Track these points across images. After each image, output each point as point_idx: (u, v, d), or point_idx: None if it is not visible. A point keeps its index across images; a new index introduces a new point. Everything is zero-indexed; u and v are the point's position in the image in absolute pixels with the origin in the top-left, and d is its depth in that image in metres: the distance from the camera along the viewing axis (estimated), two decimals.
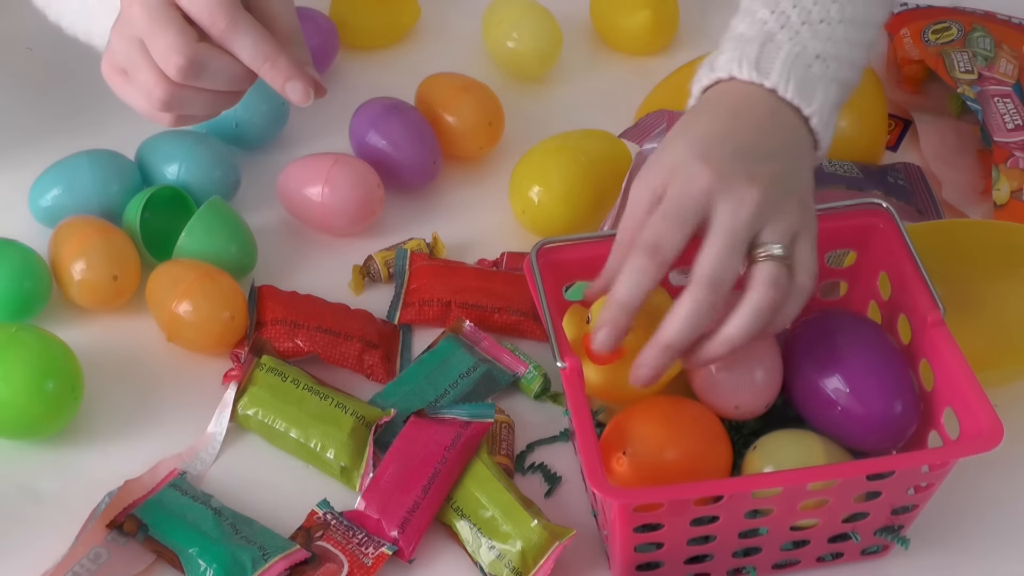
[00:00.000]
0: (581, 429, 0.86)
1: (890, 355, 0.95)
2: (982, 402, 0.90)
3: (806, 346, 0.96)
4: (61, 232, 1.07)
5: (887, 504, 0.91)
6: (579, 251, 0.96)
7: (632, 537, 0.88)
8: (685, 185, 0.87)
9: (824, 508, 0.89)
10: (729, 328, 0.87)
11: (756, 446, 0.94)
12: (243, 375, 1.02)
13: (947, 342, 0.93)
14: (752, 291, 0.87)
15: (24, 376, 0.97)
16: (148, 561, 0.93)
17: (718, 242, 0.86)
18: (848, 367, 0.94)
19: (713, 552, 0.91)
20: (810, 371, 0.95)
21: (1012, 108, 1.19)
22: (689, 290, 0.86)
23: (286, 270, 1.12)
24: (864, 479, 0.88)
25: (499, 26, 1.27)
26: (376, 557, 0.93)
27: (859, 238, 0.99)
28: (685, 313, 0.86)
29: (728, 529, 0.89)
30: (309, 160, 1.15)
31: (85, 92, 1.25)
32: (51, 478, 0.98)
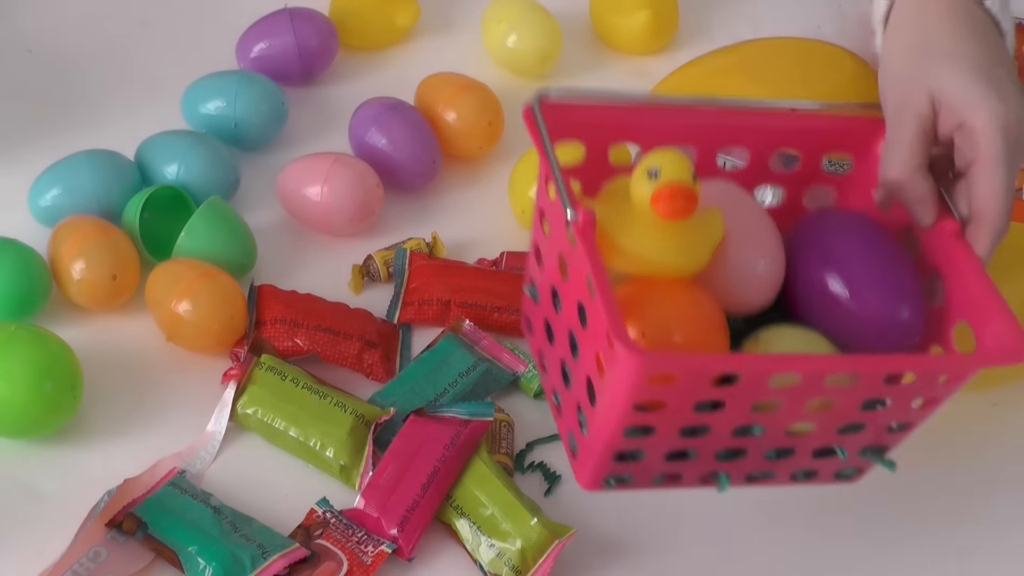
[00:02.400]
0: (601, 282, 0.80)
1: (897, 257, 0.91)
2: (1007, 315, 0.86)
3: (809, 243, 0.93)
4: (60, 232, 1.07)
5: (887, 417, 0.87)
6: (579, 111, 0.92)
7: (629, 416, 0.82)
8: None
9: (826, 413, 0.85)
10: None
11: (758, 337, 0.90)
12: (242, 374, 1.02)
13: (965, 253, 0.89)
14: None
15: (23, 375, 0.97)
16: (147, 560, 0.93)
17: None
18: (852, 266, 0.91)
19: (699, 449, 0.87)
20: (813, 268, 0.91)
21: None
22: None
23: (285, 269, 1.12)
24: (882, 381, 0.84)
25: (498, 26, 1.27)
26: (375, 555, 0.93)
27: (859, 143, 0.96)
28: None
29: (727, 421, 0.84)
30: (308, 160, 1.15)
31: (85, 92, 1.26)
32: (50, 477, 0.98)
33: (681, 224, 0.86)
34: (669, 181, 0.85)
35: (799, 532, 0.98)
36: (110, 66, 1.28)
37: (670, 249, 0.86)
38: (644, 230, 0.86)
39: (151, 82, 1.27)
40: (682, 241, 0.86)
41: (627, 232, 0.86)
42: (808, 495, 0.98)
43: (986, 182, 0.89)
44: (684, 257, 0.87)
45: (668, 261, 0.86)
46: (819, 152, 0.97)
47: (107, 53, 1.30)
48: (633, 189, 0.86)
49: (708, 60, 1.24)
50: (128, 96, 1.25)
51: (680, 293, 0.88)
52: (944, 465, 1.02)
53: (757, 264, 0.91)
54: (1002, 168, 0.88)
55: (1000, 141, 0.88)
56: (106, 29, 1.32)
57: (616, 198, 0.88)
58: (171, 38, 1.32)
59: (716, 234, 0.88)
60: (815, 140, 0.96)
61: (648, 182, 0.85)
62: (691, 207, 0.85)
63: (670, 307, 0.87)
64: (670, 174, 0.85)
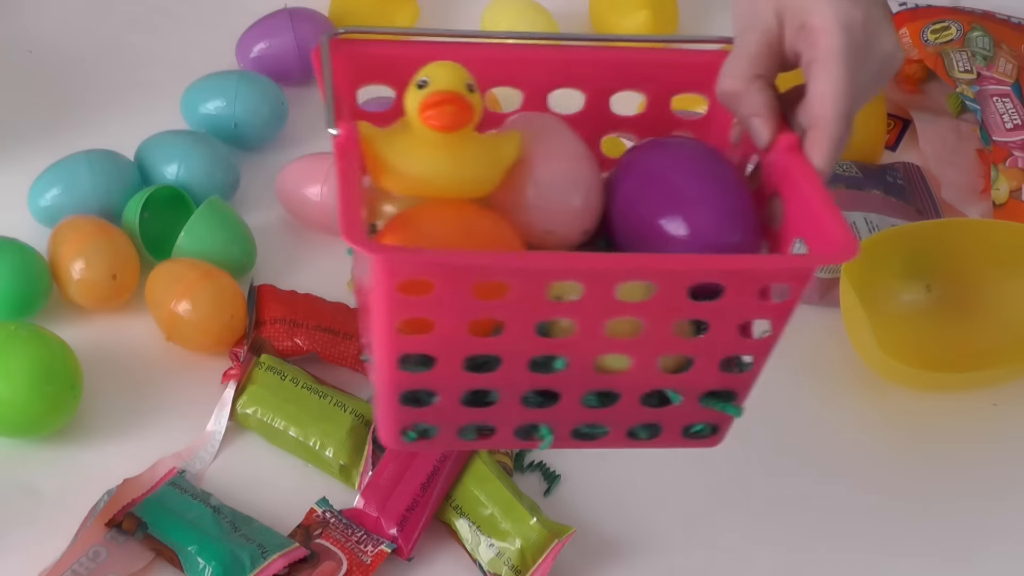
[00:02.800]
0: (343, 183, 0.73)
1: (727, 179, 0.82)
2: (835, 220, 0.76)
3: (629, 169, 0.84)
4: (60, 231, 1.07)
5: (715, 348, 0.77)
6: (383, 48, 0.84)
7: (397, 340, 0.74)
8: None
9: (637, 341, 0.76)
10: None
11: None
12: (242, 374, 1.02)
13: (802, 167, 0.79)
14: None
15: (23, 375, 0.97)
16: (147, 559, 0.93)
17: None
18: (677, 193, 0.81)
19: (499, 388, 0.78)
20: (634, 197, 0.82)
21: (1011, 107, 1.20)
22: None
23: (285, 269, 1.12)
24: (686, 293, 0.74)
25: (498, 26, 1.27)
26: (375, 555, 0.93)
27: (710, 79, 0.84)
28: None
29: (515, 349, 0.75)
30: (308, 160, 1.15)
31: (85, 92, 1.26)
32: (50, 476, 0.98)
33: (460, 140, 0.78)
34: (437, 89, 0.77)
35: (799, 532, 0.98)
36: (110, 66, 1.28)
37: (441, 162, 0.78)
38: (417, 146, 0.78)
39: (151, 82, 1.27)
40: (458, 155, 0.78)
41: (400, 150, 0.78)
42: (808, 495, 0.98)
43: (822, 82, 0.79)
44: (460, 171, 0.78)
45: (442, 175, 0.78)
46: (668, 93, 0.87)
47: (107, 53, 1.30)
48: (406, 105, 0.79)
49: None
50: (128, 96, 1.26)
51: (465, 216, 0.79)
52: (944, 465, 1.02)
53: (568, 194, 0.81)
54: (840, 67, 0.79)
55: (840, 37, 0.79)
56: (106, 29, 1.32)
57: (403, 124, 0.80)
58: (171, 38, 1.32)
59: (507, 154, 0.80)
60: (663, 79, 0.86)
61: (417, 93, 0.78)
62: (463, 116, 0.77)
63: (448, 227, 0.78)
64: (439, 83, 0.77)
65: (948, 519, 0.99)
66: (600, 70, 0.87)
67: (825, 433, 1.03)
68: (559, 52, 0.87)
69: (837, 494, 0.99)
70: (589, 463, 1.00)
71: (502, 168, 0.81)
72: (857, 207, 1.13)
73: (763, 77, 0.82)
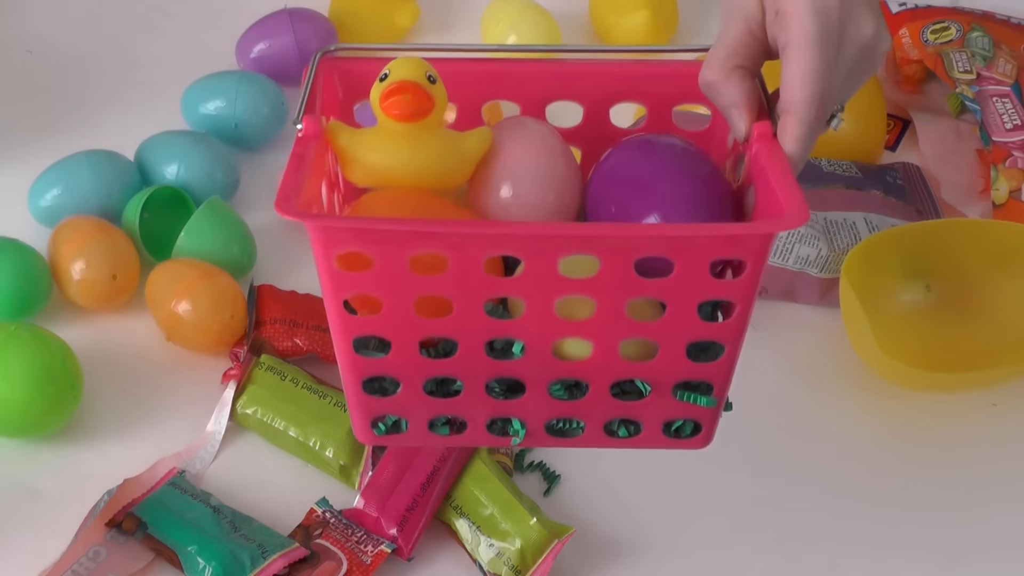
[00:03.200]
0: (292, 162, 0.74)
1: (701, 176, 0.81)
2: (791, 191, 0.74)
3: (604, 168, 0.83)
4: (60, 232, 1.07)
5: (677, 333, 0.75)
6: (377, 64, 0.83)
7: (347, 321, 0.74)
8: None
9: (591, 323, 0.74)
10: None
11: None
12: (242, 374, 1.02)
13: (774, 154, 0.77)
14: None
15: (23, 375, 0.97)
16: (147, 559, 0.93)
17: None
18: (647, 187, 0.80)
19: (459, 375, 0.77)
20: (605, 193, 0.81)
21: (1011, 108, 1.20)
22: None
23: (285, 270, 1.12)
24: (632, 268, 0.72)
25: (498, 26, 1.27)
26: (375, 555, 0.93)
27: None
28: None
29: (467, 331, 0.74)
30: None
31: (85, 92, 1.26)
32: (50, 476, 0.98)
33: (423, 131, 0.78)
34: (396, 79, 0.78)
35: (799, 531, 0.98)
36: (110, 66, 1.29)
37: (401, 151, 0.78)
38: (381, 138, 0.79)
39: (151, 82, 1.27)
40: (419, 145, 0.78)
41: (364, 142, 0.79)
42: (808, 495, 0.98)
43: (792, 66, 0.78)
44: (421, 161, 0.78)
45: (402, 163, 0.78)
46: (668, 103, 0.87)
47: (107, 53, 1.30)
48: (371, 99, 0.80)
49: None
50: (128, 96, 1.26)
51: (421, 201, 0.79)
52: (943, 465, 1.02)
53: (543, 193, 0.81)
54: (810, 50, 0.77)
55: (811, 22, 0.77)
56: (106, 29, 1.32)
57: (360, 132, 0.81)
58: (171, 38, 1.32)
59: (473, 147, 0.80)
60: (662, 90, 0.86)
61: (379, 86, 0.79)
62: (422, 104, 0.77)
63: (401, 210, 0.78)
64: (398, 74, 0.78)
65: (947, 519, 0.99)
66: (598, 82, 0.86)
67: (825, 434, 1.03)
68: (555, 65, 0.87)
69: (836, 494, 0.99)
70: (589, 463, 1.00)
71: (468, 161, 0.80)
72: (857, 207, 1.13)
73: (743, 68, 0.81)
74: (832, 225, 1.11)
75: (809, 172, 1.14)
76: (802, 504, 0.99)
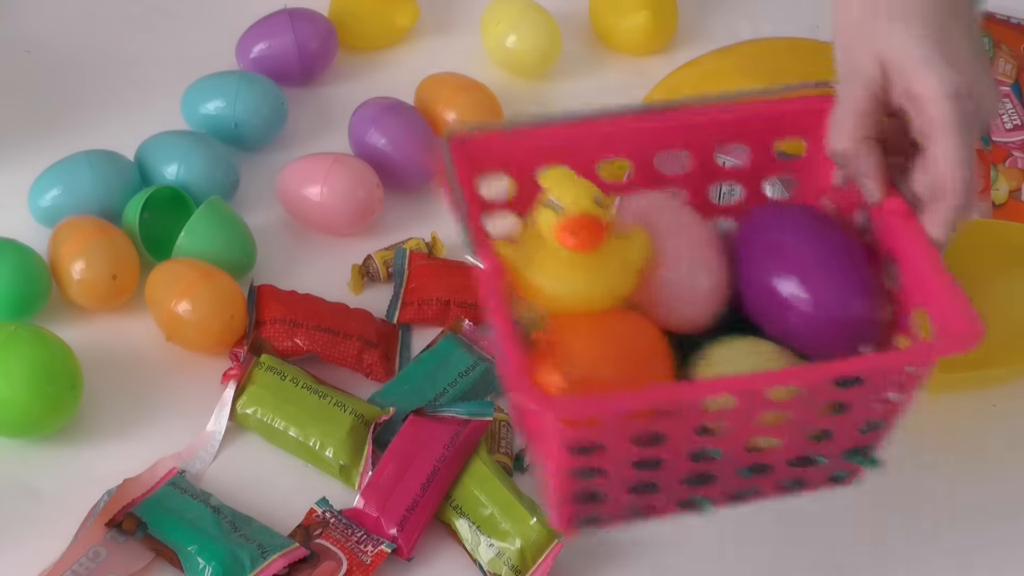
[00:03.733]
0: (503, 331, 0.76)
1: (847, 248, 0.85)
2: (957, 298, 0.79)
3: (752, 244, 0.87)
4: (60, 232, 1.07)
5: (855, 420, 0.81)
6: (500, 141, 0.86)
7: (570, 460, 0.78)
8: None
9: (785, 425, 0.80)
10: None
11: (705, 356, 0.83)
12: (242, 374, 1.02)
13: (918, 235, 0.82)
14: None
15: (24, 375, 0.97)
16: (147, 559, 0.93)
17: None
18: (800, 264, 0.84)
19: (659, 480, 0.82)
20: (758, 271, 0.85)
21: (1011, 108, 1.20)
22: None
23: (285, 270, 1.12)
24: (831, 386, 0.78)
25: (498, 26, 1.27)
26: (375, 555, 0.93)
27: (808, 124, 0.88)
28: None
29: (676, 451, 0.79)
30: (308, 160, 1.15)
31: (85, 92, 1.26)
32: (50, 477, 0.98)
33: (596, 253, 0.81)
34: (572, 213, 0.80)
35: (799, 531, 0.98)
36: (110, 66, 1.29)
37: (580, 282, 0.81)
38: (555, 265, 0.81)
39: (151, 82, 1.27)
40: (594, 271, 0.81)
41: (540, 268, 0.81)
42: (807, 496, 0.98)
43: (938, 155, 0.80)
44: (599, 288, 0.82)
45: (581, 294, 0.81)
46: (769, 140, 0.90)
47: (107, 53, 1.30)
48: (540, 223, 0.82)
49: (707, 60, 1.24)
50: (128, 96, 1.26)
51: (606, 325, 0.82)
52: (944, 465, 1.02)
53: (697, 280, 0.85)
54: (955, 138, 0.79)
55: (949, 108, 0.79)
56: (106, 29, 1.32)
57: (534, 232, 0.83)
58: (171, 38, 1.32)
59: (638, 257, 0.83)
60: (764, 129, 0.89)
61: (552, 215, 0.81)
62: (599, 236, 0.81)
63: (594, 341, 0.81)
64: (572, 206, 0.80)
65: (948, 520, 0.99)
66: (704, 130, 0.89)
67: None
68: (664, 118, 0.89)
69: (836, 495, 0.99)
70: None
71: (634, 273, 0.83)
72: None
73: (871, 137, 0.83)
74: None
75: None
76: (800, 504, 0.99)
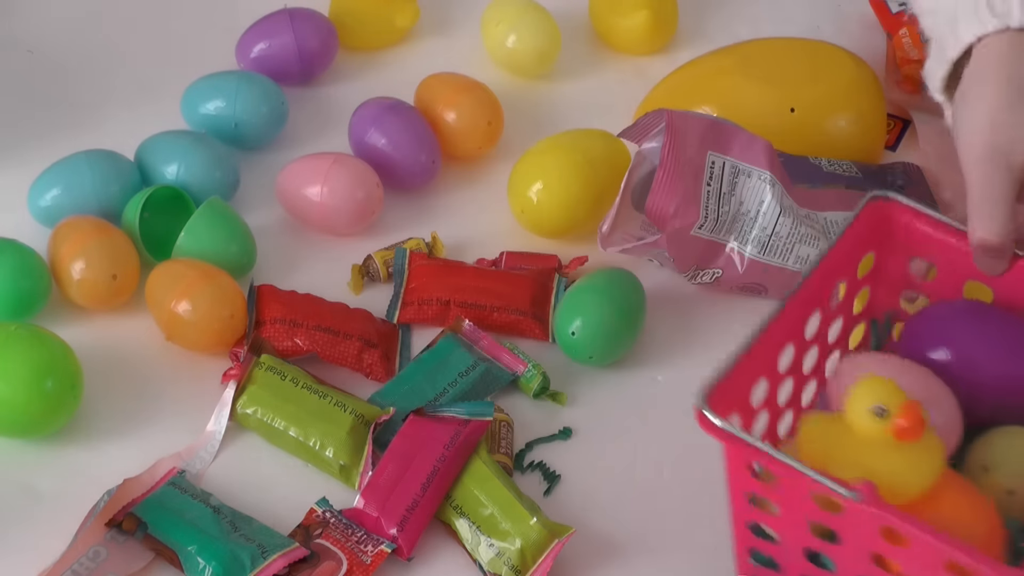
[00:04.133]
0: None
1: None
2: None
3: (959, 348, 0.93)
4: (60, 232, 1.07)
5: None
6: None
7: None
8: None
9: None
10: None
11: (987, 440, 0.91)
12: (242, 374, 1.02)
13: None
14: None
15: (23, 375, 0.97)
16: (147, 559, 0.93)
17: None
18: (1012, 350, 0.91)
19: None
20: (983, 371, 0.92)
21: None
22: None
23: (285, 269, 1.12)
24: None
25: (498, 26, 1.27)
26: (375, 555, 0.93)
27: (878, 237, 0.95)
28: None
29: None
30: (308, 160, 1.15)
31: (85, 92, 1.26)
32: (50, 476, 0.98)
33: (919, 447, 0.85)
34: (904, 416, 0.83)
35: None
36: (110, 66, 1.29)
37: (904, 473, 0.84)
38: (873, 458, 0.84)
39: (151, 82, 1.27)
40: (917, 465, 0.84)
41: (856, 465, 0.84)
42: None
43: None
44: (915, 486, 0.84)
45: (900, 486, 0.84)
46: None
47: (107, 53, 1.30)
48: (857, 427, 0.84)
49: (707, 60, 1.24)
50: (128, 96, 1.26)
51: (946, 507, 0.85)
52: None
53: (950, 444, 0.90)
54: None
55: None
56: (106, 29, 1.32)
57: (826, 431, 0.87)
58: (171, 38, 1.32)
59: (940, 455, 0.86)
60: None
61: (880, 422, 0.84)
62: (921, 431, 0.84)
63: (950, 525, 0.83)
64: (899, 407, 0.83)
65: None
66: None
67: None
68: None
69: None
70: (589, 463, 1.01)
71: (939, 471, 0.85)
72: None
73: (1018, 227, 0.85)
74: (832, 225, 1.11)
75: (809, 172, 1.14)
76: None
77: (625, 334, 1.06)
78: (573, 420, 1.03)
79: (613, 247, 1.09)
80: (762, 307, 1.11)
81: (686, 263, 1.08)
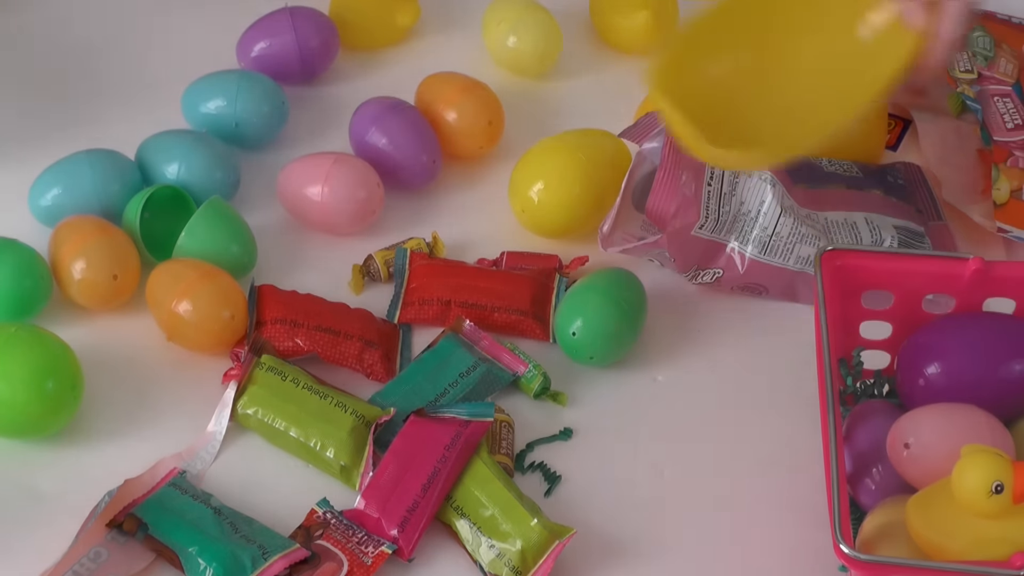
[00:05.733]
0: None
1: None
2: None
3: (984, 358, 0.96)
4: (61, 231, 1.07)
5: None
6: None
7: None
8: None
9: None
10: None
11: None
12: (243, 374, 1.02)
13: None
14: None
15: (24, 375, 0.97)
16: (148, 560, 0.93)
17: None
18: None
19: None
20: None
21: (1012, 107, 1.19)
22: None
23: (286, 269, 1.12)
24: None
25: (499, 26, 1.27)
26: (376, 556, 0.93)
27: (838, 286, 0.97)
28: None
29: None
30: (309, 159, 1.15)
31: (85, 92, 1.26)
32: (51, 477, 0.98)
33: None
34: (1021, 481, 0.85)
35: (799, 530, 0.98)
36: (111, 65, 1.29)
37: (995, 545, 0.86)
38: (994, 527, 0.86)
39: (151, 82, 1.27)
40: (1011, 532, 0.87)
41: (982, 540, 0.86)
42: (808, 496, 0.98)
43: None
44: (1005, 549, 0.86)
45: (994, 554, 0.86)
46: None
47: (107, 52, 1.30)
48: (977, 507, 0.86)
49: None
50: (128, 96, 1.26)
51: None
52: None
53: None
54: None
55: None
56: (106, 29, 1.32)
57: (931, 513, 0.88)
58: (171, 38, 1.32)
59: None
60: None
61: (997, 498, 0.85)
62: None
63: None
64: (1013, 475, 0.85)
65: None
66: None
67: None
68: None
69: None
70: (589, 464, 1.01)
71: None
72: (857, 207, 1.13)
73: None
74: (832, 225, 1.11)
75: (809, 172, 1.14)
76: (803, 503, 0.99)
77: (625, 334, 1.06)
78: (574, 420, 1.03)
79: (614, 247, 1.09)
80: (762, 307, 1.11)
81: (687, 263, 1.08)
